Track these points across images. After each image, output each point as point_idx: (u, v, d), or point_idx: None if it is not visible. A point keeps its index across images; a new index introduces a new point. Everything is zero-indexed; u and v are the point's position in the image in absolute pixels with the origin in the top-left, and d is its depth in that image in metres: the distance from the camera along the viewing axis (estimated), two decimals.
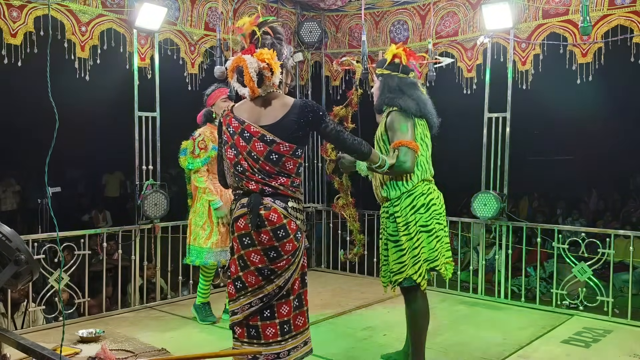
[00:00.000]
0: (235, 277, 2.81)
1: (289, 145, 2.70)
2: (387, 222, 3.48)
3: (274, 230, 2.70)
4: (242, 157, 2.72)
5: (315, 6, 6.56)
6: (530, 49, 5.29)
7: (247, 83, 2.70)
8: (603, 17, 4.85)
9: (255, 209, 2.69)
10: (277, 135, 2.69)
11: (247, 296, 2.77)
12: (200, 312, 4.74)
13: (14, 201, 11.62)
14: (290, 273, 2.77)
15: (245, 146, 2.72)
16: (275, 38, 2.90)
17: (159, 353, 3.90)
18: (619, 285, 6.88)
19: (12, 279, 2.37)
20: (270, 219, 2.69)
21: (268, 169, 2.70)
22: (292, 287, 2.80)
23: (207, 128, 4.62)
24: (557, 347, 4.20)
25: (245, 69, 2.69)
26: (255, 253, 2.74)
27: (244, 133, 2.73)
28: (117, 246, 5.48)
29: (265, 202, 2.71)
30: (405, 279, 3.41)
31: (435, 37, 5.86)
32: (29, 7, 4.48)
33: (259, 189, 2.72)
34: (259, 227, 2.70)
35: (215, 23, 5.68)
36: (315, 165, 6.92)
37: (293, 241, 2.74)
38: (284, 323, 2.79)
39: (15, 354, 2.69)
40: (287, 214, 2.72)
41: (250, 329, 2.79)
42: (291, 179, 2.76)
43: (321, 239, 7.00)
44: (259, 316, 2.77)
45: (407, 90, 3.45)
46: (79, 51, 4.80)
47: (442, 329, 4.49)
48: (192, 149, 4.52)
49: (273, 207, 2.70)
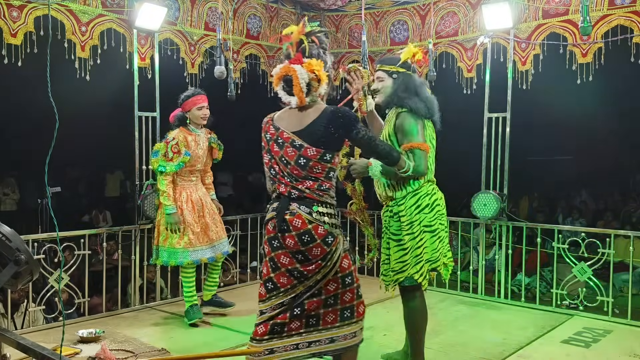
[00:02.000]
0: (267, 279, 2.91)
1: (316, 150, 2.76)
2: (391, 221, 3.50)
3: (298, 235, 2.76)
4: (275, 161, 2.85)
5: (315, 6, 6.56)
6: (530, 49, 5.29)
7: (297, 93, 2.79)
8: (603, 17, 4.85)
9: (281, 213, 2.78)
10: (305, 140, 2.77)
11: (279, 296, 2.86)
12: (187, 315, 4.71)
13: (14, 201, 11.63)
14: (321, 276, 2.82)
15: (278, 152, 2.83)
16: (321, 47, 2.92)
17: (159, 353, 3.90)
18: (619, 285, 6.88)
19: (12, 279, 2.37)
20: (294, 224, 2.76)
21: (296, 173, 2.78)
22: (324, 287, 2.84)
23: (181, 132, 4.66)
24: (557, 347, 4.20)
25: (296, 79, 2.79)
26: (284, 255, 2.82)
27: (278, 139, 2.84)
28: (117, 246, 5.48)
29: (291, 207, 2.78)
30: (407, 278, 3.42)
31: (435, 37, 5.86)
32: (29, 7, 4.48)
33: (287, 192, 2.81)
34: (284, 232, 2.78)
35: (215, 23, 5.68)
36: None
37: (321, 245, 2.77)
38: (310, 317, 2.86)
39: (15, 354, 2.69)
40: (312, 219, 2.77)
41: (275, 327, 2.85)
42: (318, 183, 2.80)
43: None
44: (288, 313, 2.84)
45: (420, 91, 3.47)
46: (79, 51, 4.80)
47: (442, 329, 4.49)
48: (164, 151, 4.57)
49: (298, 213, 2.76)
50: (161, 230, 4.67)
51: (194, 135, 4.72)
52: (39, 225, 8.30)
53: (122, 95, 5.79)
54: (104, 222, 10.99)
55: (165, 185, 4.58)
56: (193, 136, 4.71)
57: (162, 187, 4.59)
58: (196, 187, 4.80)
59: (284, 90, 2.85)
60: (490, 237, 6.55)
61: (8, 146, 11.30)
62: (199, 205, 4.73)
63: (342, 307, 2.89)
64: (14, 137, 11.48)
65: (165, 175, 4.58)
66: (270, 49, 6.41)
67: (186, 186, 4.73)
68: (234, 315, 4.93)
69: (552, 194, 12.70)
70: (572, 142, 12.79)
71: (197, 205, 4.71)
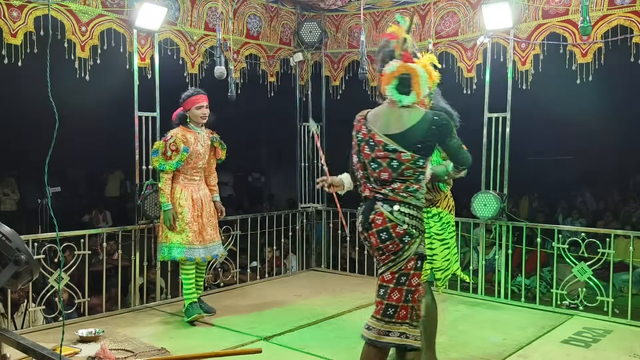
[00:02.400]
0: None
1: (410, 154, 2.80)
2: (431, 221, 3.60)
3: (377, 232, 2.86)
4: (363, 164, 2.92)
5: (315, 6, 6.56)
6: (530, 49, 5.29)
7: (418, 92, 2.82)
8: (603, 17, 4.85)
9: (366, 213, 2.90)
10: (399, 144, 2.80)
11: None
12: (187, 312, 4.73)
13: (14, 201, 11.62)
14: (386, 268, 2.89)
15: (369, 154, 2.87)
16: (415, 48, 2.97)
17: (159, 353, 3.90)
18: (619, 285, 6.87)
19: (12, 279, 2.37)
20: (375, 222, 2.86)
21: (386, 176, 2.84)
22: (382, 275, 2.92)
23: (179, 130, 4.74)
24: (557, 347, 4.20)
25: (416, 78, 2.82)
26: (372, 251, 2.98)
27: (370, 141, 2.88)
28: (117, 246, 5.48)
29: (375, 206, 2.87)
30: (452, 274, 3.67)
31: (435, 37, 5.86)
32: (29, 7, 4.48)
33: (372, 196, 2.90)
34: (367, 230, 2.90)
35: (215, 23, 5.68)
36: (315, 165, 6.92)
37: (397, 243, 2.85)
38: (389, 307, 2.90)
39: (15, 353, 2.69)
40: (392, 217, 2.84)
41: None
42: (406, 185, 2.85)
43: (321, 239, 7.01)
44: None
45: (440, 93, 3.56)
46: (79, 51, 4.80)
47: (442, 329, 4.47)
48: (163, 150, 4.65)
49: (380, 212, 2.86)
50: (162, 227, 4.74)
51: (193, 133, 4.76)
52: (39, 225, 8.31)
53: (122, 95, 5.79)
54: (104, 222, 10.99)
55: (163, 183, 4.67)
56: (193, 134, 4.75)
57: (160, 184, 4.69)
58: (198, 187, 4.83)
59: (396, 88, 2.84)
60: (490, 237, 6.54)
61: (8, 146, 11.29)
62: (198, 204, 4.77)
63: (387, 302, 2.91)
64: (14, 137, 11.47)
65: (164, 173, 4.65)
66: (270, 49, 6.41)
67: (188, 185, 4.77)
68: (234, 315, 4.93)
69: (552, 194, 12.69)
70: (572, 142, 12.77)
71: (197, 205, 4.76)
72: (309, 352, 4.05)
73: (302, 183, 6.93)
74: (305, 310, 5.08)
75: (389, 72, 2.85)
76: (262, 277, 6.40)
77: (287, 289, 5.92)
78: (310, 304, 5.32)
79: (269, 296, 5.60)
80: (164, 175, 4.66)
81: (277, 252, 6.82)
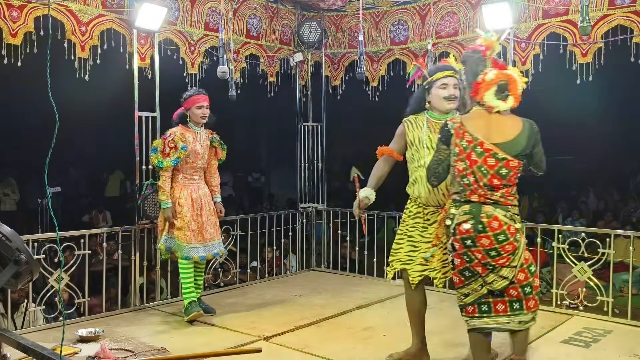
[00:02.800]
0: (463, 268, 3.13)
1: (517, 162, 3.00)
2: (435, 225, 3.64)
3: (494, 235, 3.00)
4: (470, 171, 3.03)
5: (315, 6, 6.56)
6: (530, 49, 5.29)
7: (517, 99, 3.04)
8: (603, 17, 4.85)
9: (477, 217, 3.02)
10: (508, 153, 2.98)
11: (478, 281, 3.11)
12: (186, 311, 4.74)
13: (14, 201, 11.63)
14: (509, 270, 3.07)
15: (476, 161, 3.01)
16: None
17: (159, 352, 3.90)
18: (619, 285, 6.88)
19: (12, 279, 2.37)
20: (491, 226, 3.00)
21: (495, 183, 3.00)
22: (516, 277, 3.10)
23: (178, 128, 4.78)
24: (557, 347, 4.20)
25: (514, 84, 3.02)
26: (477, 252, 3.05)
27: (477, 149, 3.01)
28: (117, 246, 5.48)
29: (486, 210, 3.02)
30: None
31: (435, 37, 5.86)
32: (29, 7, 4.48)
33: (480, 201, 3.04)
34: (479, 232, 3.01)
35: (215, 23, 5.69)
36: (315, 165, 6.93)
37: (513, 243, 3.03)
38: (514, 302, 3.13)
39: (15, 353, 2.69)
40: (507, 220, 3.02)
41: (482, 305, 3.15)
42: (511, 189, 3.08)
43: (321, 239, 7.01)
44: (490, 297, 3.14)
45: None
46: (79, 51, 4.80)
47: (442, 329, 4.48)
48: (162, 147, 4.70)
49: (495, 216, 3.01)
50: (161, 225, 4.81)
51: (193, 132, 4.80)
52: (39, 225, 8.32)
53: (122, 95, 5.79)
54: (104, 222, 10.99)
55: (162, 181, 4.70)
56: (192, 133, 4.79)
57: (160, 182, 4.72)
58: (198, 186, 4.86)
59: (494, 95, 3.01)
60: None
61: (8, 146, 11.30)
62: (198, 204, 4.80)
63: (535, 292, 3.15)
64: (14, 137, 11.48)
65: (163, 171, 4.69)
66: (270, 49, 6.41)
67: (188, 184, 4.80)
68: (234, 315, 4.93)
69: (552, 194, 12.70)
70: (572, 142, 12.77)
71: (196, 204, 4.79)
72: (309, 352, 4.05)
73: (302, 183, 6.93)
74: (305, 310, 5.08)
75: (489, 80, 3.01)
76: (262, 277, 6.40)
77: (287, 289, 5.92)
78: (310, 304, 5.32)
79: (269, 296, 5.60)
80: (163, 173, 4.70)
81: (277, 252, 6.82)
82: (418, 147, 3.71)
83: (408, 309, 3.86)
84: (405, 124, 3.78)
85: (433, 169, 3.25)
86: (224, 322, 4.71)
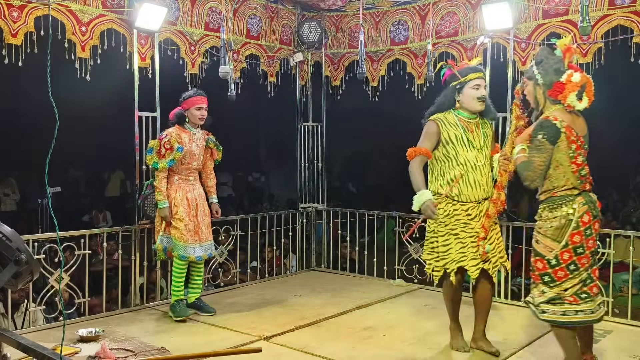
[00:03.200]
0: (570, 262, 3.29)
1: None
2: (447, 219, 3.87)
3: (600, 218, 3.39)
4: (586, 163, 3.39)
5: (315, 6, 6.56)
6: (530, 49, 5.29)
7: (591, 99, 3.38)
8: (603, 17, 4.85)
9: (595, 203, 3.36)
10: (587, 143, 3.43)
11: (581, 273, 3.29)
12: (174, 310, 4.78)
13: (14, 201, 11.63)
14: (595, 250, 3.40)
15: (585, 153, 3.41)
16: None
17: (159, 352, 3.90)
18: (619, 285, 6.87)
19: (13, 279, 2.37)
20: (599, 210, 3.39)
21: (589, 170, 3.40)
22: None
23: (175, 129, 4.80)
24: (557, 347, 4.18)
25: (590, 86, 3.34)
26: (592, 240, 3.31)
27: (579, 143, 3.37)
28: (117, 246, 5.48)
29: (594, 195, 3.39)
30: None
31: (435, 37, 5.86)
32: (29, 7, 4.48)
33: (589, 189, 3.38)
34: (595, 217, 3.34)
35: (216, 23, 5.69)
36: (315, 165, 6.93)
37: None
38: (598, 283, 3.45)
39: (15, 353, 2.69)
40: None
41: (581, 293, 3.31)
42: None
43: (321, 239, 7.01)
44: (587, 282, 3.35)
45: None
46: (80, 51, 4.80)
47: (442, 329, 4.48)
48: (157, 148, 4.72)
49: (598, 201, 3.40)
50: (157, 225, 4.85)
51: (189, 133, 4.82)
52: (39, 225, 8.32)
53: (122, 95, 5.79)
54: (104, 222, 11.00)
55: (158, 182, 4.73)
56: (188, 134, 4.80)
57: (156, 182, 4.74)
58: (193, 187, 4.89)
59: (576, 96, 3.31)
60: None
61: (8, 146, 11.31)
62: (193, 204, 4.83)
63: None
64: (14, 137, 11.49)
65: (159, 171, 4.71)
66: (270, 49, 6.41)
67: (183, 185, 4.83)
68: (234, 315, 4.93)
69: None
70: None
71: (192, 204, 4.82)
72: (309, 352, 4.05)
73: (302, 183, 6.94)
74: (305, 310, 5.08)
75: (575, 82, 3.27)
76: (262, 277, 6.40)
77: (287, 289, 5.92)
78: (310, 304, 5.32)
79: (269, 296, 5.61)
80: (158, 173, 4.72)
81: (277, 252, 6.82)
82: (455, 145, 3.79)
83: (448, 300, 4.07)
84: (438, 122, 3.84)
85: (540, 170, 3.31)
86: (224, 322, 4.71)
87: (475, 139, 3.85)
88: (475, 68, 3.90)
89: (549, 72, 3.31)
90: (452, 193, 3.80)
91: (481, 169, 3.82)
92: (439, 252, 3.88)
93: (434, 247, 3.91)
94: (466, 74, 3.83)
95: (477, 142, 3.85)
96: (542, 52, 3.40)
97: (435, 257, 3.91)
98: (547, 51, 3.39)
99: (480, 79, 3.83)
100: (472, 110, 3.85)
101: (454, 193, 3.80)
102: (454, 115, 3.86)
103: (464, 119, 3.86)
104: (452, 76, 3.90)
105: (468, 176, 3.79)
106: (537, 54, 3.47)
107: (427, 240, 3.98)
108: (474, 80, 3.81)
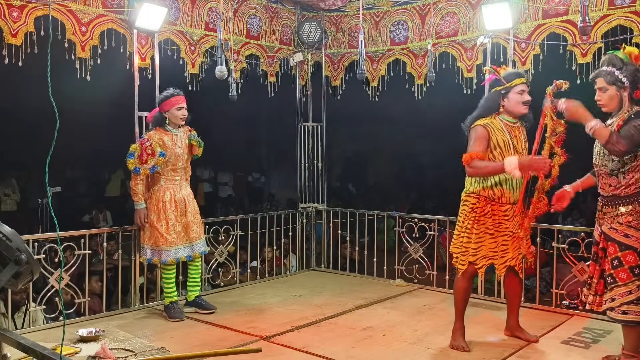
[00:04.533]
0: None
1: None
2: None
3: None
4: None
5: (315, 6, 6.56)
6: (530, 49, 5.29)
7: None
8: (603, 17, 4.86)
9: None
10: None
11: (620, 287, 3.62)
12: (169, 312, 4.80)
13: (15, 201, 11.64)
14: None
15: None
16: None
17: (159, 352, 3.90)
18: None
19: (13, 279, 2.37)
20: None
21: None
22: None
23: (157, 133, 4.74)
24: (557, 347, 4.20)
25: None
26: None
27: None
28: (118, 246, 5.48)
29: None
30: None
31: (435, 37, 5.86)
32: (29, 7, 4.49)
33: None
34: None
35: (216, 23, 5.69)
36: (315, 165, 6.93)
37: None
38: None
39: (16, 353, 2.70)
40: None
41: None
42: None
43: (321, 239, 7.01)
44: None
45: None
46: (80, 51, 4.81)
47: (442, 328, 4.49)
48: (139, 153, 4.66)
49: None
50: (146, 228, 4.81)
51: (170, 135, 4.77)
52: (39, 225, 8.32)
53: (122, 95, 5.79)
54: (104, 222, 11.00)
55: (134, 184, 4.71)
56: (170, 136, 4.76)
57: (131, 183, 4.72)
58: (180, 187, 4.87)
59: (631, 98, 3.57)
60: None
61: (8, 146, 11.31)
62: (182, 204, 4.82)
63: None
64: (14, 137, 11.48)
65: (138, 176, 4.68)
66: (270, 49, 6.41)
67: (170, 186, 4.81)
68: (234, 314, 4.93)
69: (552, 193, 12.69)
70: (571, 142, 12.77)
71: (180, 205, 4.80)
72: (309, 352, 4.05)
73: (302, 183, 6.94)
74: (305, 310, 5.09)
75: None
76: (262, 277, 6.41)
77: (287, 289, 5.92)
78: (310, 304, 5.32)
79: (269, 296, 5.61)
80: (136, 177, 4.69)
81: (277, 252, 6.82)
82: (502, 149, 3.93)
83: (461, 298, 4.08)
84: (488, 127, 3.95)
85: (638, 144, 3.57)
86: (224, 322, 4.72)
87: (518, 143, 4.01)
88: (519, 73, 4.05)
89: (633, 74, 3.50)
90: (494, 195, 3.99)
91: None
92: (469, 248, 3.98)
93: (463, 242, 4.01)
94: (512, 80, 3.94)
95: (519, 147, 4.02)
96: (615, 58, 3.55)
97: (463, 251, 4.01)
98: (617, 57, 3.55)
99: (524, 84, 3.97)
100: (516, 114, 3.99)
101: (496, 195, 3.98)
102: (499, 120, 3.99)
103: (508, 124, 4.00)
104: (496, 81, 4.01)
105: (512, 180, 3.98)
106: (607, 60, 3.61)
107: (458, 235, 4.08)
108: (519, 85, 3.94)
